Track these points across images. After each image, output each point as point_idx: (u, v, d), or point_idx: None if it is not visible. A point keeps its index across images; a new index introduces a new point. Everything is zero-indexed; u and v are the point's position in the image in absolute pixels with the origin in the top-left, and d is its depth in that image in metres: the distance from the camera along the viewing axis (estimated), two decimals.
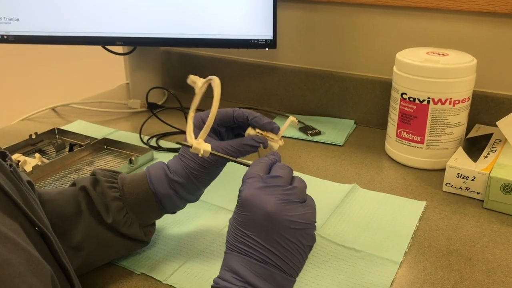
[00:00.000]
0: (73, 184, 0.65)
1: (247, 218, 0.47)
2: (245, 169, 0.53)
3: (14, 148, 0.97)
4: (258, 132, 0.62)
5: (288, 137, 1.06)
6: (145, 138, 1.05)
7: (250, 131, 0.63)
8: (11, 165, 0.49)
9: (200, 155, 0.55)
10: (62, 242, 0.60)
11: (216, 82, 0.55)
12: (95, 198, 0.62)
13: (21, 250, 0.40)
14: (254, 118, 0.62)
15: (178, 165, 0.63)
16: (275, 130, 0.62)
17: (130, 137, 1.06)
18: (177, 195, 0.63)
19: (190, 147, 0.56)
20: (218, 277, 0.48)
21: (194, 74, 0.60)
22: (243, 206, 0.47)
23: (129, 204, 0.63)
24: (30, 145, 1.01)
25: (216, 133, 0.65)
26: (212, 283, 0.48)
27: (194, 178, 0.62)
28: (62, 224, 0.61)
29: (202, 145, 0.55)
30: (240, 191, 0.49)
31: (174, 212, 0.68)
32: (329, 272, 0.64)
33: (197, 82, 0.60)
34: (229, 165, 0.65)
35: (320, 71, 1.16)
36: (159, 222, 0.71)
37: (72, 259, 0.59)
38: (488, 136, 0.92)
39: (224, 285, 0.47)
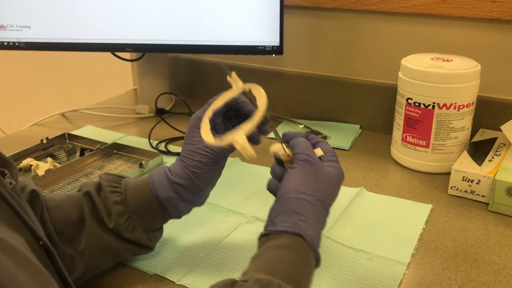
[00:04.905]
0: (80, 189, 0.65)
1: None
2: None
3: (26, 153, 0.99)
4: (285, 150, 0.57)
5: None
6: (154, 143, 1.07)
7: (275, 147, 0.57)
8: (10, 183, 0.49)
9: (246, 157, 0.53)
10: (69, 248, 0.61)
11: (261, 92, 0.55)
12: (98, 204, 0.62)
13: (28, 263, 0.40)
14: (243, 102, 0.63)
15: (179, 166, 0.63)
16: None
17: (139, 142, 1.08)
18: (180, 198, 0.63)
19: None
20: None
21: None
22: (341, 179, 0.58)
23: (131, 209, 0.63)
24: (41, 150, 1.03)
25: (214, 126, 0.63)
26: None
27: (195, 177, 0.62)
28: (68, 231, 0.61)
29: (248, 147, 0.52)
30: (336, 167, 0.58)
31: (179, 217, 0.67)
32: (338, 273, 0.66)
33: (237, 84, 0.60)
34: (238, 169, 0.66)
35: (326, 77, 1.17)
36: (170, 225, 0.72)
37: (78, 264, 0.60)
38: (493, 140, 0.94)
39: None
